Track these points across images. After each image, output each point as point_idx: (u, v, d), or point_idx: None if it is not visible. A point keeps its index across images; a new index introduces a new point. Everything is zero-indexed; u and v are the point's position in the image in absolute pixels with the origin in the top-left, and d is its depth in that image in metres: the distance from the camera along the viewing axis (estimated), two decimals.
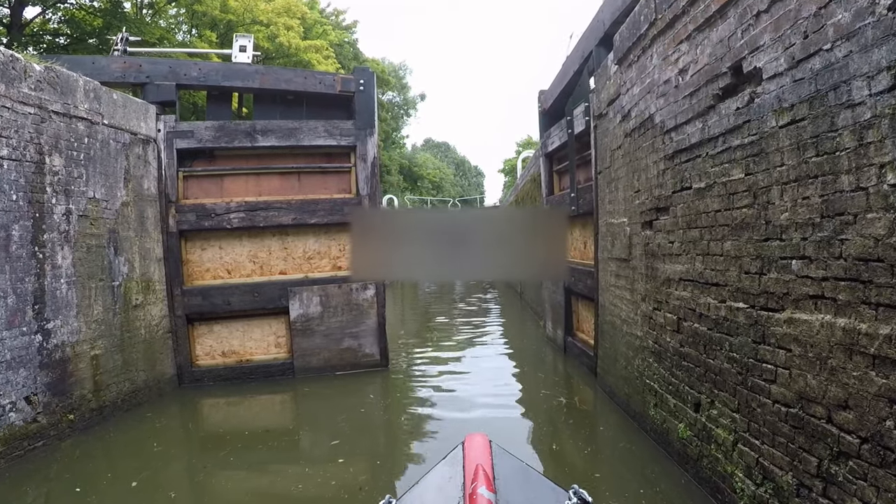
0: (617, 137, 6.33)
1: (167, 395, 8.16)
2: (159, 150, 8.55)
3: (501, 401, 7.16)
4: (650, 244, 5.34)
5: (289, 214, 8.53)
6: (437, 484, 2.93)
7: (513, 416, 6.65)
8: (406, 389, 8.19)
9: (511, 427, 6.06)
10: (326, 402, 7.64)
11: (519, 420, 6.52)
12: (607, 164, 6.77)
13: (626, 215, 6.02)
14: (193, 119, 13.62)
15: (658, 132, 5.11)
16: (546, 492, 2.91)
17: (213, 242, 8.73)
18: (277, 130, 8.63)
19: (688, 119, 4.57)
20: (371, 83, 8.85)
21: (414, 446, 6.01)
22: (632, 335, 5.97)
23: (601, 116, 7.06)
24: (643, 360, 5.66)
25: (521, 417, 6.63)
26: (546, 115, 10.71)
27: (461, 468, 2.81)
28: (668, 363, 5.10)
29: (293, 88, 8.85)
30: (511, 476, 2.82)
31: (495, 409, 6.81)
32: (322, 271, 8.83)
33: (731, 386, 4.06)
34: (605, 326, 7.04)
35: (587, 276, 8.12)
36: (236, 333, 8.80)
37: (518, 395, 7.60)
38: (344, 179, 8.92)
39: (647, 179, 5.40)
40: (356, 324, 8.66)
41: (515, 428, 6.12)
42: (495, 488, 2.57)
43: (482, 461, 2.73)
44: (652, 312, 5.37)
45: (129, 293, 7.72)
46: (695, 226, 4.48)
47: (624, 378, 6.27)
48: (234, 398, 8.24)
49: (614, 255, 6.51)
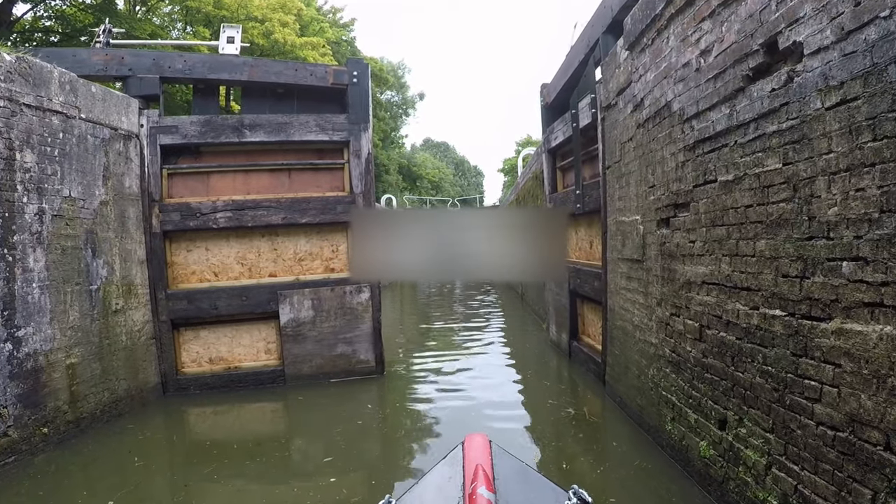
0: (628, 129, 5.88)
1: (151, 405, 7.71)
2: (142, 147, 8.10)
3: (506, 412, 6.71)
4: (667, 244, 4.89)
5: (278, 213, 8.08)
6: (436, 484, 2.92)
7: (519, 428, 6.20)
8: (404, 399, 7.73)
9: (518, 441, 5.61)
10: (320, 413, 7.19)
11: (526, 434, 6.06)
12: (617, 158, 6.32)
13: (639, 213, 5.57)
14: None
15: (676, 120, 4.66)
16: (546, 492, 2.90)
17: (199, 243, 8.27)
18: (266, 125, 8.18)
19: (712, 104, 4.12)
20: (365, 75, 8.40)
21: (413, 463, 5.56)
22: (645, 342, 5.51)
23: (609, 107, 6.61)
24: (659, 370, 5.22)
25: (528, 431, 6.18)
26: (549, 110, 10.25)
27: (461, 468, 2.81)
28: (687, 374, 4.65)
29: (283, 81, 8.39)
30: (511, 476, 2.81)
31: (500, 421, 6.36)
32: (314, 273, 8.37)
33: (765, 403, 3.62)
34: (614, 332, 6.59)
35: (594, 278, 7.67)
36: (224, 339, 8.35)
37: (524, 406, 7.14)
38: (337, 176, 8.47)
39: (663, 173, 4.95)
40: (350, 329, 8.21)
41: (523, 442, 5.67)
42: (495, 488, 2.57)
43: (482, 461, 2.72)
44: (669, 318, 4.92)
45: (108, 297, 7.27)
46: (720, 223, 4.03)
47: (636, 388, 5.82)
48: (222, 407, 7.80)
49: (625, 256, 6.06)
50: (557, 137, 9.42)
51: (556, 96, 9.61)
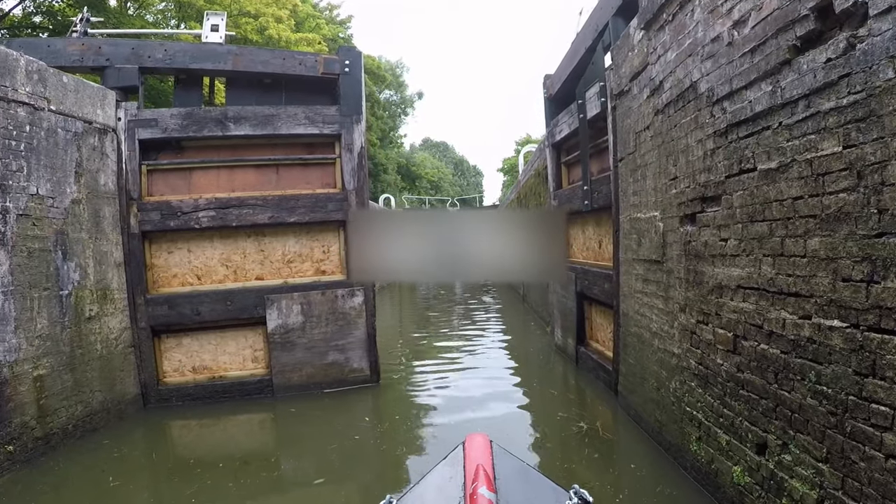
0: (644, 116, 5.35)
1: (129, 418, 7.17)
2: (119, 141, 7.56)
3: (513, 427, 6.15)
4: (693, 242, 4.35)
5: (265, 212, 7.53)
6: (437, 484, 2.90)
7: (528, 445, 5.65)
8: (401, 412, 7.17)
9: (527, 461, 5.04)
10: (311, 426, 6.63)
11: (535, 453, 5.51)
12: (631, 149, 5.78)
13: (658, 208, 5.03)
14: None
15: (704, 103, 4.13)
16: (547, 492, 2.88)
17: (181, 245, 7.73)
18: (252, 118, 7.63)
19: (749, 82, 3.59)
20: (357, 64, 7.87)
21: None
22: (666, 352, 4.98)
23: (622, 94, 6.07)
24: (682, 384, 4.68)
25: (538, 449, 5.63)
26: (553, 102, 9.71)
27: (462, 468, 2.80)
28: (718, 390, 4.11)
29: (270, 71, 7.84)
30: (512, 476, 2.80)
31: (507, 436, 5.76)
32: (303, 276, 7.83)
33: (818, 428, 3.08)
34: (628, 339, 6.05)
35: (604, 280, 7.13)
36: (208, 347, 7.80)
37: (532, 419, 6.60)
38: (328, 172, 7.92)
39: (687, 163, 4.42)
40: (342, 335, 7.66)
41: (532, 462, 5.11)
42: (496, 488, 2.56)
43: (483, 461, 2.71)
44: (695, 326, 4.38)
45: (81, 303, 6.72)
46: (761, 218, 3.50)
47: (655, 402, 5.28)
48: (206, 420, 7.27)
49: (641, 256, 5.52)
50: (562, 130, 8.88)
51: (560, 87, 9.07)
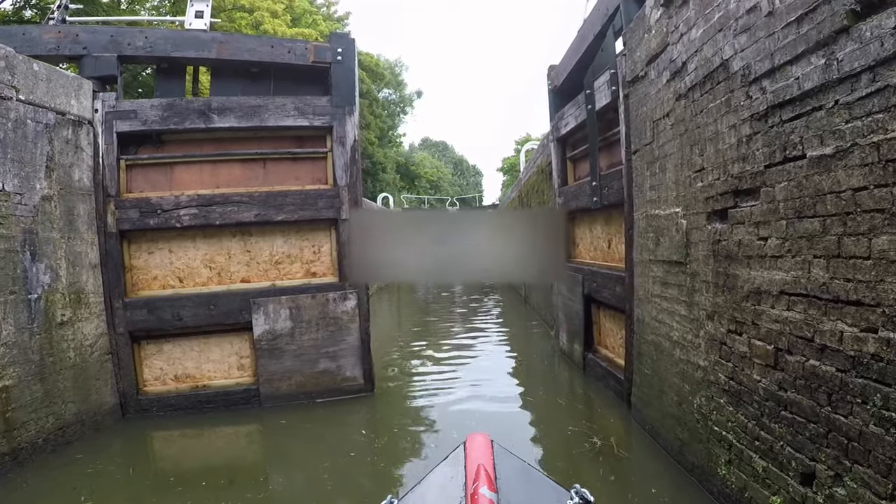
0: (663, 103, 4.86)
1: (106, 430, 6.68)
2: (96, 134, 7.07)
3: (522, 442, 5.58)
4: (724, 242, 3.86)
5: (250, 210, 7.03)
6: (438, 483, 2.90)
7: (538, 463, 5.12)
8: (400, 424, 6.64)
9: None
10: (303, 441, 6.12)
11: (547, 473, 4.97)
12: (647, 139, 5.29)
13: (680, 204, 4.54)
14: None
15: (738, 83, 3.64)
16: (548, 491, 2.87)
17: (162, 245, 7.23)
18: (237, 109, 7.13)
19: (795, 56, 3.10)
20: (351, 52, 7.37)
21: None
22: (689, 363, 4.48)
23: (636, 81, 5.58)
24: (709, 400, 4.19)
25: (549, 469, 5.04)
26: (558, 94, 9.21)
27: (462, 468, 2.79)
28: (753, 409, 3.62)
29: (257, 59, 7.34)
30: (513, 476, 2.79)
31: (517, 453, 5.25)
32: (293, 278, 7.32)
33: (883, 461, 2.59)
34: (643, 347, 5.56)
35: (614, 283, 6.64)
36: (191, 354, 7.30)
37: (541, 434, 6.07)
38: (318, 167, 7.42)
39: (717, 152, 3.92)
40: (334, 341, 7.16)
41: None
42: (497, 488, 2.55)
43: (484, 461, 2.71)
44: (726, 337, 3.89)
45: (52, 308, 6.23)
46: (811, 213, 3.01)
47: (675, 418, 4.78)
48: (189, 431, 6.79)
49: (659, 257, 5.03)
50: (568, 123, 8.39)
51: (566, 78, 8.58)
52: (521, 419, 6.50)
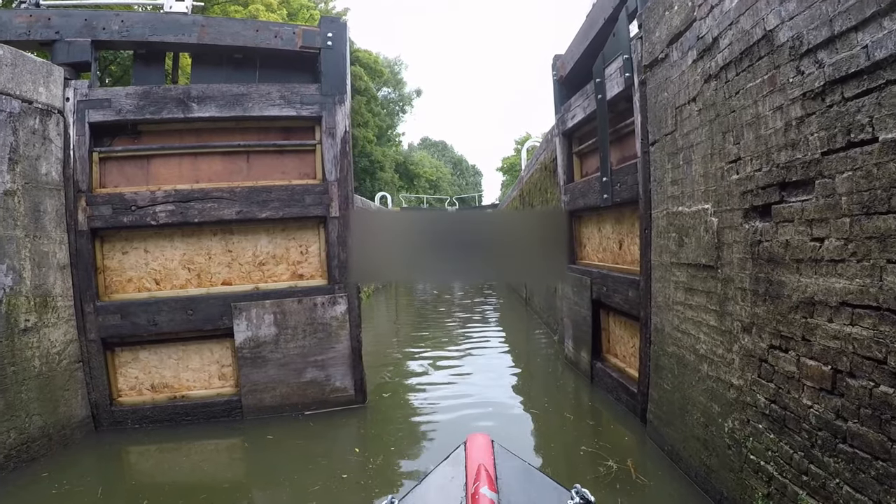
0: (688, 86, 4.32)
1: (76, 445, 6.16)
2: (66, 125, 6.53)
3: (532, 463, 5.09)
4: (766, 243, 3.32)
5: (232, 206, 6.47)
6: (439, 483, 2.87)
7: None
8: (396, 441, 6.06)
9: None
10: (290, 459, 5.55)
11: None
12: (668, 128, 4.75)
13: (710, 199, 4.00)
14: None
15: (786, 56, 3.10)
16: (549, 491, 2.83)
17: (137, 244, 6.69)
18: (219, 97, 6.59)
19: (861, 20, 2.56)
20: (342, 37, 6.82)
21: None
22: (719, 381, 3.94)
23: (655, 64, 5.04)
24: (744, 424, 3.65)
25: None
26: (563, 85, 8.67)
27: (463, 468, 2.78)
28: (802, 439, 3.08)
29: (241, 44, 6.80)
30: (513, 476, 2.77)
31: None
32: (278, 281, 6.77)
33: None
34: (663, 359, 5.01)
35: (627, 287, 6.10)
36: (169, 362, 6.76)
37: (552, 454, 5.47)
38: (306, 161, 6.87)
39: (757, 139, 3.38)
40: (322, 349, 6.61)
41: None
42: (497, 488, 2.52)
43: (484, 461, 2.70)
44: (768, 353, 3.35)
45: (14, 312, 5.69)
46: (883, 209, 2.47)
47: (701, 441, 4.25)
48: (167, 445, 6.26)
49: (683, 260, 4.49)
50: (575, 116, 7.85)
51: (573, 67, 8.04)
52: (529, 436, 5.95)
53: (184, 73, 12.14)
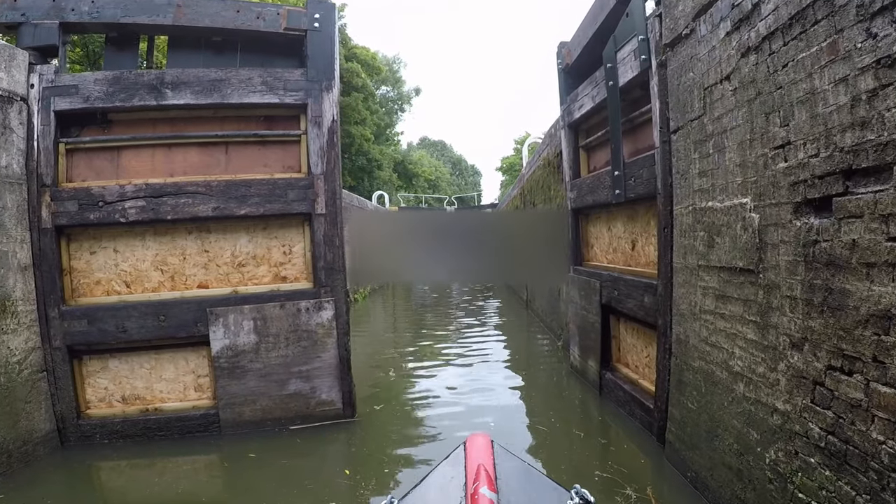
0: (720, 63, 3.76)
1: (39, 462, 5.62)
2: (31, 113, 5.98)
3: None
4: (824, 243, 2.77)
5: (208, 202, 5.91)
6: (438, 484, 2.85)
7: None
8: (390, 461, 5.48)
9: None
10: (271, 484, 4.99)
11: None
12: (695, 112, 4.19)
13: (749, 192, 3.45)
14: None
15: (851, 18, 2.55)
16: (548, 491, 2.81)
17: (106, 243, 6.14)
18: (195, 83, 6.04)
19: None
20: (330, 18, 6.27)
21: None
22: (759, 404, 3.39)
23: (678, 42, 4.49)
24: (791, 456, 3.09)
25: None
26: (569, 74, 8.11)
27: (463, 468, 2.77)
28: (869, 480, 2.53)
29: (220, 26, 6.24)
30: (513, 476, 2.76)
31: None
32: (258, 283, 6.21)
33: None
34: (686, 374, 4.46)
35: (643, 291, 5.55)
36: (141, 371, 6.21)
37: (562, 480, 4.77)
38: (290, 152, 6.30)
39: (812, 119, 2.83)
40: (307, 359, 6.05)
41: None
42: (497, 488, 2.52)
43: (484, 461, 2.69)
44: (825, 374, 2.80)
45: None
46: None
47: (735, 471, 3.69)
48: (139, 461, 5.74)
49: (714, 263, 3.93)
50: (583, 106, 7.29)
51: (580, 54, 7.48)
52: (537, 457, 5.33)
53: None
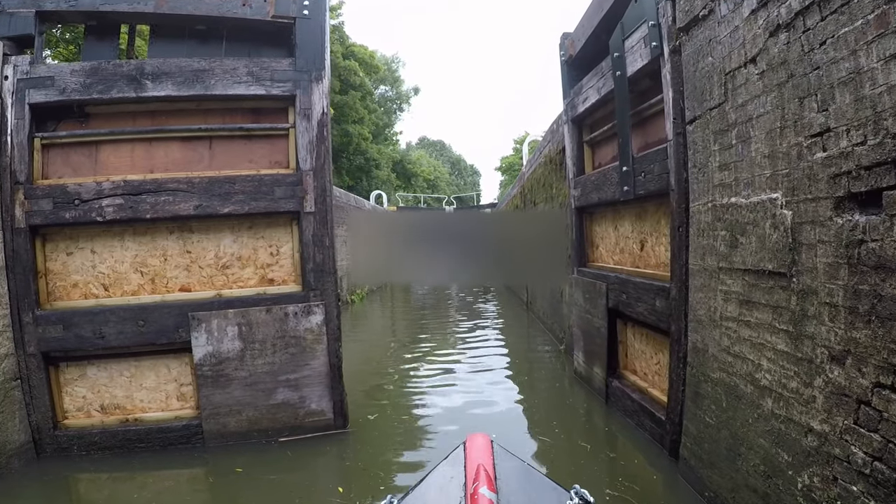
0: (745, 44, 3.41)
1: (13, 477, 5.30)
2: (4, 106, 5.65)
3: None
4: (871, 243, 2.42)
5: (189, 200, 5.56)
6: (438, 484, 2.84)
7: None
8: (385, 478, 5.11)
9: None
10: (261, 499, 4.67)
11: None
12: (715, 100, 3.84)
13: (781, 186, 3.09)
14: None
15: None
16: (548, 491, 2.80)
17: (83, 244, 5.79)
18: (177, 73, 5.69)
19: None
20: (320, 5, 5.92)
21: None
22: (791, 423, 3.04)
23: (694, 24, 4.14)
24: (828, 482, 2.74)
25: None
26: (573, 66, 7.76)
27: (462, 468, 2.76)
28: None
29: (205, 13, 5.89)
30: (513, 476, 2.74)
31: None
32: (244, 286, 5.86)
33: None
34: (704, 386, 4.10)
35: (653, 295, 5.20)
36: (120, 380, 5.86)
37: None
38: (278, 147, 5.95)
39: (857, 102, 2.48)
40: (295, 366, 5.70)
41: None
42: (497, 488, 2.51)
43: (483, 461, 2.68)
44: (871, 392, 2.45)
45: None
46: None
47: (761, 495, 3.34)
48: (120, 474, 5.41)
49: (738, 265, 3.58)
50: (588, 98, 6.94)
51: (584, 44, 7.13)
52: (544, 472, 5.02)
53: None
